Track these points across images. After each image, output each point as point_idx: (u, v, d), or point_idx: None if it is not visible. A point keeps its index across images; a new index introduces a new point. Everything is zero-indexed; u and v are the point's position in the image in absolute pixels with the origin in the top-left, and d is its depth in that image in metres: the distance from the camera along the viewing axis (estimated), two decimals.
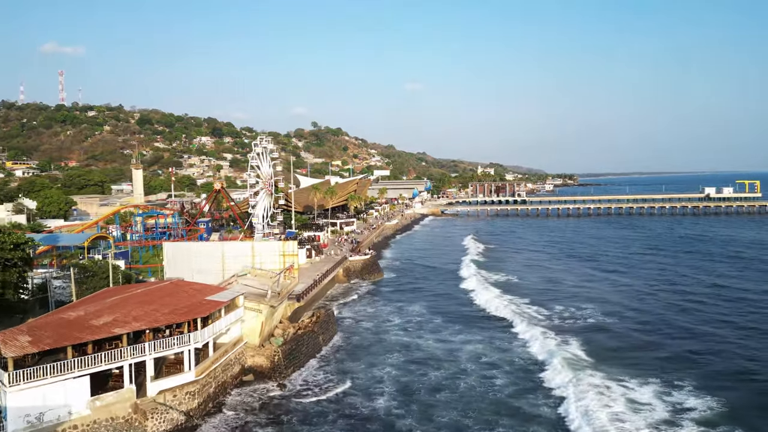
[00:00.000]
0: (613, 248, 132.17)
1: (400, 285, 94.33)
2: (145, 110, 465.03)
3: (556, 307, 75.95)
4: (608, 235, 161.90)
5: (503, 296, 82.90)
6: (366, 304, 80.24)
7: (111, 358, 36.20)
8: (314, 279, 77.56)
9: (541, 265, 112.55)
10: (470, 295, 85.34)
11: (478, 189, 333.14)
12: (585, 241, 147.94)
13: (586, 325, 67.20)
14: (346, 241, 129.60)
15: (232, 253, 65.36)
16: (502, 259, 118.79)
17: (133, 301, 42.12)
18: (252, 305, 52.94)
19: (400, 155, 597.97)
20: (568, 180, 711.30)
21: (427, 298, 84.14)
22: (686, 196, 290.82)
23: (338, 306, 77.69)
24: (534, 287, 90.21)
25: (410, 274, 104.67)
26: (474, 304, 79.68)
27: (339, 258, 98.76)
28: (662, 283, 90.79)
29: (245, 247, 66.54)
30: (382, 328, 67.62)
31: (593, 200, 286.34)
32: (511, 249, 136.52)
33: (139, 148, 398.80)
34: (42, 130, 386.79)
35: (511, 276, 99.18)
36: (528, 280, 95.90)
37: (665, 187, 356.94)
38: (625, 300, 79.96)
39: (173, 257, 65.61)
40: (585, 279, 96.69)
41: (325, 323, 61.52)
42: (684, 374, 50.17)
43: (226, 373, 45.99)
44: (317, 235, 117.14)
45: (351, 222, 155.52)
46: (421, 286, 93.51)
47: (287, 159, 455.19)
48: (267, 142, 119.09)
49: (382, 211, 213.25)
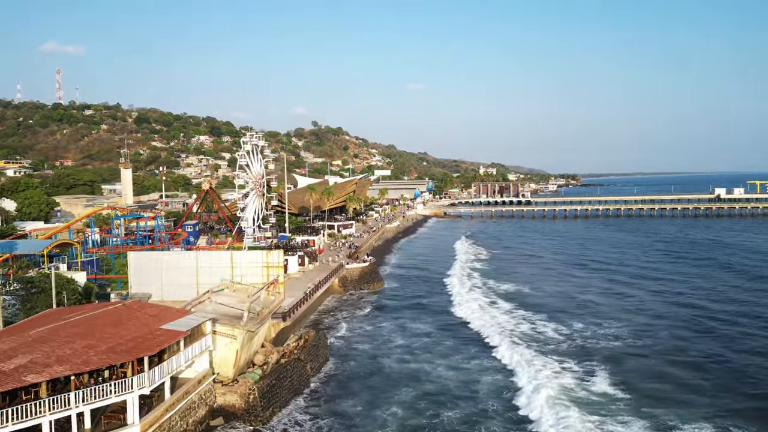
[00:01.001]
0: (627, 255, 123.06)
1: (402, 297, 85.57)
2: (143, 109, 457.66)
3: (576, 324, 67.21)
4: (620, 239, 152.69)
5: (516, 311, 74.20)
6: (364, 320, 71.42)
7: (22, 414, 27.46)
8: (305, 292, 68.79)
9: (553, 273, 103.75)
10: (481, 309, 76.50)
11: (482, 189, 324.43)
12: (596, 246, 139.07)
13: (613, 349, 58.30)
14: (343, 245, 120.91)
15: (208, 265, 56.58)
16: (510, 267, 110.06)
17: (64, 333, 33.32)
18: (225, 330, 44.18)
19: (401, 155, 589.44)
20: (571, 180, 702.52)
21: (433, 312, 75.39)
22: (696, 197, 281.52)
23: (331, 323, 69.01)
24: (548, 300, 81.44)
25: (414, 283, 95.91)
26: (485, 320, 70.81)
27: (335, 266, 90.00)
28: (689, 297, 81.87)
29: (223, 258, 57.67)
30: (383, 350, 58.86)
31: (600, 201, 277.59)
32: (520, 255, 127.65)
33: (134, 146, 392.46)
34: (38, 129, 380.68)
35: (522, 286, 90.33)
36: (541, 292, 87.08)
37: (674, 188, 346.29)
38: (651, 318, 70.98)
39: (139, 269, 56.86)
40: (603, 291, 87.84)
41: (314, 348, 52.72)
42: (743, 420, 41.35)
43: (186, 420, 37.25)
44: (312, 240, 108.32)
45: (349, 225, 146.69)
46: (425, 298, 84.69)
47: (287, 158, 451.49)
48: (258, 139, 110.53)
49: (382, 213, 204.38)
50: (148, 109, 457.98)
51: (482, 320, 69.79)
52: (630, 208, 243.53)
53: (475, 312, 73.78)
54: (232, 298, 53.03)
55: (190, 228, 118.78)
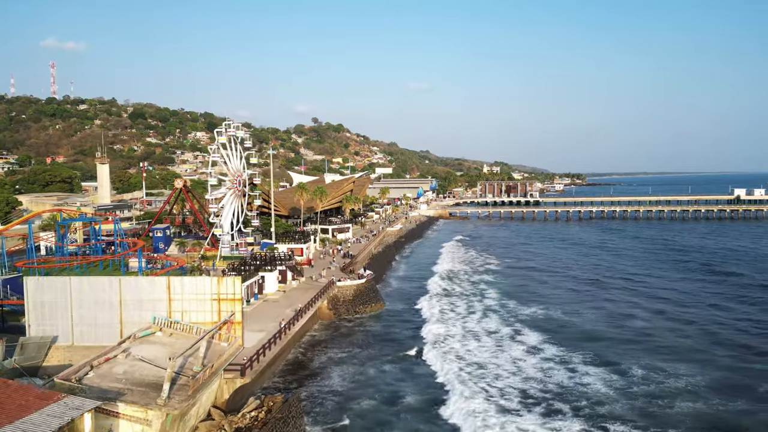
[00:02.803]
0: (664, 269, 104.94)
1: (408, 322, 69.31)
2: (139, 104, 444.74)
3: (634, 371, 51.13)
4: (645, 249, 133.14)
5: (546, 347, 58.04)
6: (357, 361, 54.91)
7: None
8: (280, 324, 52.55)
9: (581, 291, 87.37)
10: (499, 349, 60.23)
11: (487, 189, 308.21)
12: (623, 256, 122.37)
13: (701, 416, 42.05)
14: (338, 252, 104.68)
15: (136, 296, 40.51)
16: (530, 283, 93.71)
17: None
18: (133, 411, 28.15)
19: (403, 153, 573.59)
20: (576, 179, 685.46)
21: (446, 346, 59.06)
22: (714, 197, 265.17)
23: (315, 368, 52.69)
24: (586, 330, 65.25)
25: (420, 303, 79.54)
26: (504, 364, 54.45)
27: (324, 282, 73.74)
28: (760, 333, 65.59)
29: (156, 286, 41.34)
30: (386, 418, 42.49)
31: (612, 202, 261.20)
32: (537, 267, 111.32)
33: (128, 142, 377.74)
34: (30, 123, 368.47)
35: (549, 309, 74.00)
36: (577, 317, 70.74)
37: (690, 188, 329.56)
38: (731, 360, 54.79)
39: (41, 302, 40.70)
40: (652, 315, 71.45)
41: (283, 423, 36.42)
42: None
43: None
44: (300, 248, 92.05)
45: (346, 228, 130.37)
46: (441, 321, 68.33)
47: (286, 155, 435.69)
48: (236, 129, 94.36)
49: (383, 214, 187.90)
50: (144, 105, 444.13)
51: (503, 364, 53.54)
52: (649, 210, 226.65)
53: (492, 349, 57.65)
54: (163, 347, 36.86)
55: (160, 233, 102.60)
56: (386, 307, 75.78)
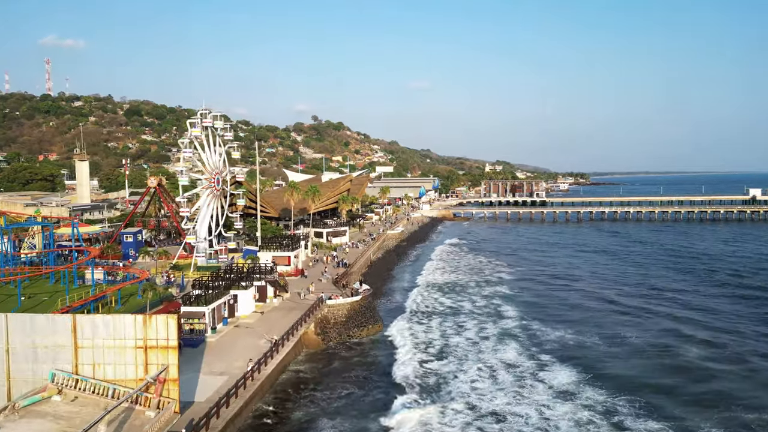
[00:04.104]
0: (697, 284, 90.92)
1: (415, 350, 57.20)
2: (136, 101, 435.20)
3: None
4: (672, 260, 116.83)
5: (584, 387, 46.39)
6: (357, 412, 42.71)
7: None
8: (249, 365, 40.58)
9: (615, 310, 75.10)
10: (527, 375, 48.49)
11: (492, 188, 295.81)
12: (646, 265, 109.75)
13: None
14: (332, 260, 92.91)
15: (28, 339, 28.47)
16: (555, 300, 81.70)
17: None
18: None
19: (404, 152, 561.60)
20: (580, 179, 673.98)
21: (452, 386, 47.09)
22: (729, 198, 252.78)
23: (294, 428, 40.56)
24: (632, 366, 53.27)
25: (424, 322, 67.56)
26: (534, 398, 42.62)
27: (312, 300, 61.86)
28: None
29: (58, 327, 29.33)
30: None
31: (622, 202, 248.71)
32: (558, 275, 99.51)
33: (123, 139, 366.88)
34: (24, 121, 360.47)
35: (583, 335, 61.96)
36: (617, 346, 58.61)
37: (704, 188, 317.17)
38: None
39: None
40: (705, 342, 59.37)
41: None
42: None
43: None
44: (286, 257, 79.99)
45: (342, 231, 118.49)
46: (447, 352, 56.38)
47: (285, 153, 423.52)
48: (214, 120, 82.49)
49: (383, 215, 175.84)
50: (140, 101, 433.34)
51: (526, 414, 41.63)
52: (665, 211, 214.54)
53: (512, 391, 45.78)
54: (57, 424, 24.84)
55: (130, 238, 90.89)
56: (385, 333, 63.31)
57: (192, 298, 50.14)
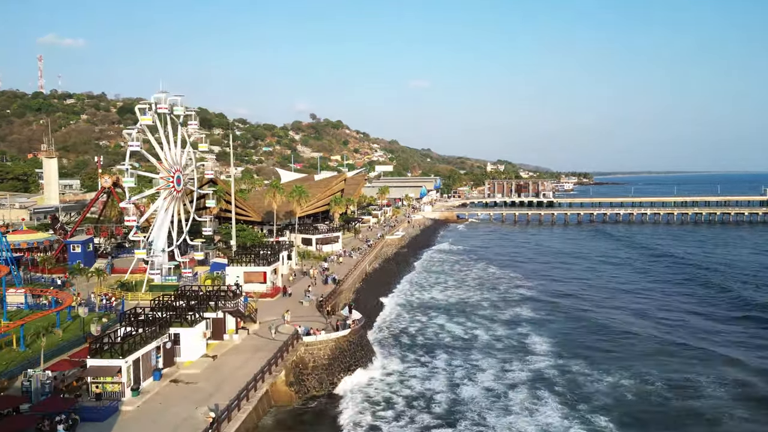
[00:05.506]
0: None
1: (413, 408, 42.61)
2: (129, 99, 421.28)
3: None
4: (703, 276, 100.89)
5: None
6: None
7: None
8: None
9: (670, 343, 60.67)
10: None
11: (496, 188, 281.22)
12: (679, 283, 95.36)
13: None
14: (320, 274, 78.02)
15: None
16: (591, 325, 67.09)
17: None
18: None
19: (404, 151, 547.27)
20: (583, 178, 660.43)
21: None
22: (746, 198, 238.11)
23: None
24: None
25: (428, 360, 52.92)
26: None
27: (284, 337, 47.14)
28: None
29: None
30: None
31: (634, 203, 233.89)
32: (583, 293, 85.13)
33: (115, 138, 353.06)
34: (14, 119, 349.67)
35: (646, 383, 47.50)
36: (700, 399, 44.12)
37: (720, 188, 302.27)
38: None
39: None
40: None
41: None
42: None
43: None
44: (261, 272, 65.09)
45: (334, 238, 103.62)
46: (458, 415, 41.72)
47: (282, 152, 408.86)
48: (172, 105, 67.66)
49: (382, 217, 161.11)
50: (134, 99, 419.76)
51: None
52: (685, 213, 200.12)
53: None
54: None
55: (78, 248, 76.27)
56: (378, 373, 48.64)
57: (101, 343, 35.17)
